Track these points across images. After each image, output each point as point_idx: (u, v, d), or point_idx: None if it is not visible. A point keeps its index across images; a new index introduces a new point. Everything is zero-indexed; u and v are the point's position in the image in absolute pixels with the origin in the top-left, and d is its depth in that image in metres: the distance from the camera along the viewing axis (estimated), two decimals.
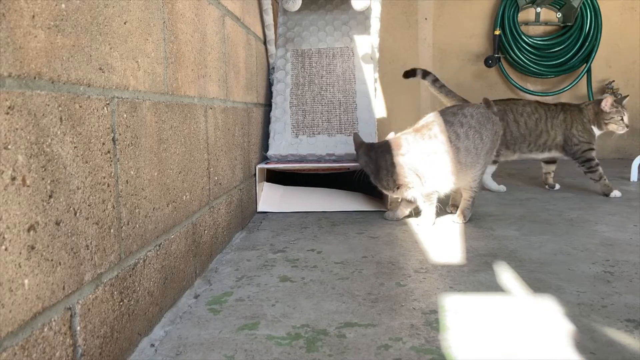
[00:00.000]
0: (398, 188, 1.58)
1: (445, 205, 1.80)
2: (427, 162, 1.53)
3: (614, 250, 1.28)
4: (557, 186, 2.27)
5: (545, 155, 2.16)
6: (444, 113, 1.56)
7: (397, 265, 1.18)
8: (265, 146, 1.94)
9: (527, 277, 1.08)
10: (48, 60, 0.56)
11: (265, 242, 1.40)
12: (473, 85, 3.66)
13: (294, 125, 1.96)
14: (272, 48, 2.04)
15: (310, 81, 2.03)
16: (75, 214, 0.61)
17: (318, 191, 2.02)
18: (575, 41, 3.54)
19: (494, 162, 2.17)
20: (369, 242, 1.39)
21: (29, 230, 0.52)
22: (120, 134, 0.73)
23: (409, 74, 2.16)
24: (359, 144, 1.67)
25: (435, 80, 2.16)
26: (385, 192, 1.66)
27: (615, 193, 2.04)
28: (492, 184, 2.23)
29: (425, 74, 2.14)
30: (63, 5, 0.59)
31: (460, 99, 2.16)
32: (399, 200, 1.68)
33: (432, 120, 1.56)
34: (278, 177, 2.09)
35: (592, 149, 2.07)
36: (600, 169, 2.06)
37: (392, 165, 1.56)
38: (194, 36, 1.08)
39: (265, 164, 1.82)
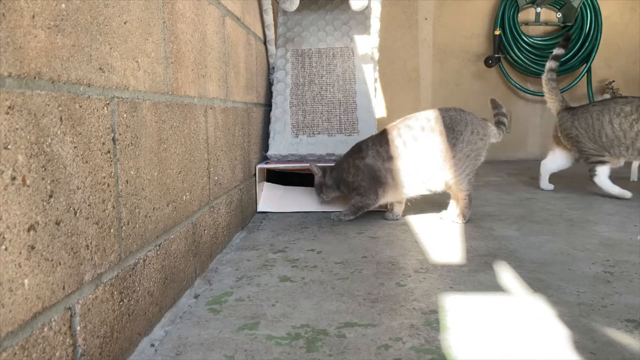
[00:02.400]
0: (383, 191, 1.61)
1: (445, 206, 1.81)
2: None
3: (614, 250, 1.28)
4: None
5: None
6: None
7: (397, 265, 1.18)
8: (265, 146, 1.94)
9: (527, 277, 1.08)
10: (48, 60, 0.56)
11: (265, 242, 1.40)
12: (473, 86, 3.66)
13: (294, 125, 1.96)
14: (272, 48, 2.04)
15: (310, 81, 2.03)
16: (75, 213, 0.61)
17: None
18: (575, 41, 3.54)
19: (602, 162, 2.00)
20: (369, 242, 1.39)
21: (29, 230, 0.52)
22: (120, 134, 0.73)
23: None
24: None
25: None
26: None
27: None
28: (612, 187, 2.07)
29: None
30: (63, 5, 0.59)
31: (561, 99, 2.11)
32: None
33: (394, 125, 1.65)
34: (278, 177, 2.09)
35: None
36: None
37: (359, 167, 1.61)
38: (194, 36, 1.08)
39: (265, 163, 1.82)
